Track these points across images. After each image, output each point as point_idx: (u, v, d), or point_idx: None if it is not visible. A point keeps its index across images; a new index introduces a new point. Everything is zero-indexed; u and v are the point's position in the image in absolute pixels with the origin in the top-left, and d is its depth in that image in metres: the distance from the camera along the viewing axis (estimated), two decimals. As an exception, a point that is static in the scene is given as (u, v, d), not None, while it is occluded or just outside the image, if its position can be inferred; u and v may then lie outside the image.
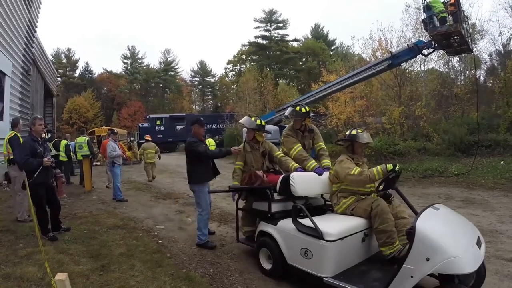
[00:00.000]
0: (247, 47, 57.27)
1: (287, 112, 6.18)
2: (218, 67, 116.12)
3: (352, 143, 4.85)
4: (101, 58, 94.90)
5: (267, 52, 55.22)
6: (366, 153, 17.95)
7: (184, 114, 42.04)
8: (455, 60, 23.77)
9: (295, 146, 5.66)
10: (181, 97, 61.98)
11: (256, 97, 33.76)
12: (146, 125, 36.74)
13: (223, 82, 62.62)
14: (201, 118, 6.63)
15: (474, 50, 19.65)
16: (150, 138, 15.88)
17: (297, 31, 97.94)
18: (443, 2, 14.19)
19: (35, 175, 5.70)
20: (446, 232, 3.38)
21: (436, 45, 14.98)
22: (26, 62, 15.00)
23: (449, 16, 13.98)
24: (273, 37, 55.55)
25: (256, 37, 55.52)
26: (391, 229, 4.16)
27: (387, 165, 4.29)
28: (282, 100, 34.04)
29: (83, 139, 12.99)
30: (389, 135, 20.15)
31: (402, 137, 19.62)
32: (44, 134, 6.82)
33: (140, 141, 31.83)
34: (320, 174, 5.19)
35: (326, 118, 25.18)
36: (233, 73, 59.75)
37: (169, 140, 36.40)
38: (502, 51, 23.04)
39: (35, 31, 16.21)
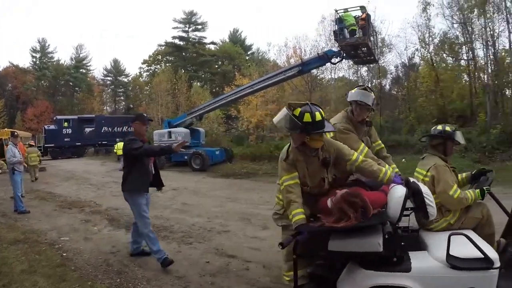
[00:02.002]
0: (163, 47, 55.81)
1: (351, 97, 4.23)
2: (133, 67, 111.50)
3: (445, 142, 3.98)
4: (8, 49, 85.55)
5: (183, 54, 54.36)
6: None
7: (93, 115, 38.95)
8: (363, 69, 25.94)
9: (361, 147, 4.06)
10: (91, 97, 57.63)
11: (169, 99, 33.29)
12: (52, 127, 33.90)
13: (136, 83, 59.54)
14: (145, 114, 6.12)
15: (382, 62, 22.62)
16: (33, 144, 16.67)
17: (215, 34, 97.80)
18: (354, 17, 15.31)
19: None
20: None
21: (344, 55, 16.10)
22: None
23: (359, 29, 15.04)
24: (190, 39, 54.74)
25: (174, 37, 54.39)
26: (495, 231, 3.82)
27: (473, 171, 4.12)
28: (195, 102, 33.10)
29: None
30: None
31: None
32: None
33: (45, 145, 30.09)
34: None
35: (238, 121, 25.68)
36: (148, 73, 57.66)
37: (77, 143, 33.61)
38: (407, 64, 25.75)
39: None
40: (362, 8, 15.66)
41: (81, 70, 58.80)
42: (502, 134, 17.65)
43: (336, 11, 15.77)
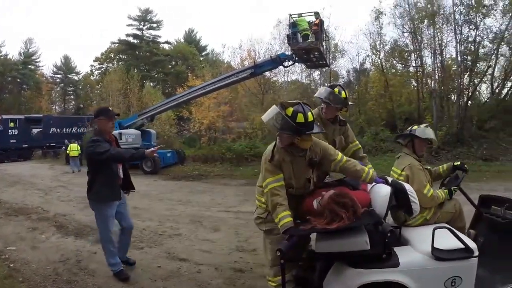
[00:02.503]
0: (116, 45, 53.98)
1: (319, 94, 4.27)
2: (84, 64, 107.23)
3: (412, 140, 4.17)
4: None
5: (137, 52, 52.82)
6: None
7: (41, 115, 36.06)
8: (316, 73, 26.62)
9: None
10: (40, 95, 54.84)
11: (121, 99, 32.43)
12: (-3, 127, 31.29)
13: (87, 81, 56.67)
14: (110, 108, 5.18)
15: (334, 66, 23.92)
16: None
17: (170, 34, 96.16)
18: (308, 22, 15.61)
19: None
20: None
21: (296, 58, 16.50)
22: None
23: (312, 34, 15.32)
24: (145, 37, 53.34)
25: (128, 35, 52.65)
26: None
27: (455, 162, 4.39)
28: (146, 103, 32.12)
29: None
30: (251, 139, 21.46)
31: (263, 141, 20.76)
32: None
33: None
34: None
35: (190, 123, 25.40)
36: (99, 72, 55.26)
37: (24, 146, 31.10)
38: (358, 69, 26.71)
39: None
40: (316, 14, 16.01)
41: (29, 66, 54.44)
42: (447, 135, 19.19)
43: (291, 15, 16.01)
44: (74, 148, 20.70)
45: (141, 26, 53.55)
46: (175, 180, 16.23)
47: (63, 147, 24.10)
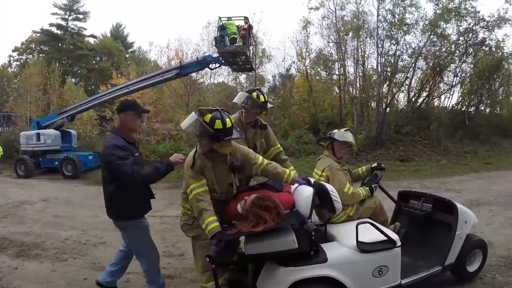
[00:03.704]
0: (38, 35, 49.90)
1: (237, 99, 4.30)
2: (3, 54, 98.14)
3: (332, 142, 4.48)
4: None
5: (60, 45, 49.08)
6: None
7: None
8: (242, 77, 26.84)
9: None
10: None
11: (39, 95, 30.20)
12: None
13: (4, 74, 50.55)
14: (138, 102, 4.43)
15: (261, 71, 25.02)
16: None
17: (96, 27, 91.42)
18: (237, 26, 15.84)
19: None
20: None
21: (223, 61, 16.61)
22: None
23: (240, 38, 15.58)
24: (69, 28, 49.44)
25: (51, 25, 48.54)
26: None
27: (372, 164, 4.82)
28: (68, 101, 29.86)
29: None
30: (176, 141, 21.32)
31: (188, 143, 20.64)
32: None
33: None
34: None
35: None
36: (18, 63, 49.75)
37: None
38: (284, 74, 27.51)
39: None
40: (246, 19, 16.33)
41: None
42: (366, 139, 20.69)
43: (220, 18, 16.12)
44: (-1, 150, 20.08)
45: (66, 16, 49.73)
46: (97, 184, 15.13)
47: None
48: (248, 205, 3.27)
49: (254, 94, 4.23)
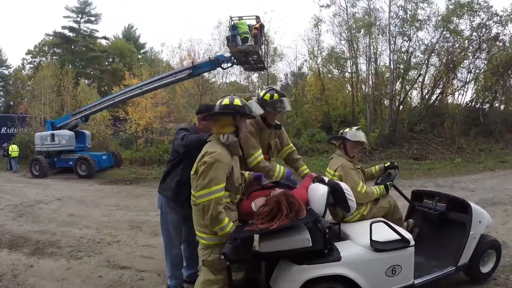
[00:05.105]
0: (51, 38, 50.48)
1: (256, 111, 3.77)
2: (16, 57, 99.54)
3: (344, 142, 4.49)
4: None
5: (72, 47, 49.94)
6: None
7: None
8: (254, 76, 26.83)
9: (256, 154, 4.03)
10: None
11: (54, 97, 30.43)
12: None
13: (18, 76, 51.01)
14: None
15: (272, 70, 24.81)
16: None
17: (108, 29, 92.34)
18: (249, 25, 15.76)
19: None
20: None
21: (235, 61, 16.55)
22: None
23: (252, 37, 15.57)
24: (81, 31, 50.40)
25: (64, 27, 49.37)
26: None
27: (385, 163, 4.83)
28: (81, 102, 30.09)
29: None
30: None
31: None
32: None
33: None
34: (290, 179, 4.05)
35: (126, 123, 24.67)
36: (32, 66, 50.66)
37: None
38: (296, 73, 27.65)
39: None
40: (257, 18, 16.20)
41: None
42: (380, 137, 20.50)
43: (231, 18, 16.03)
44: (15, 149, 20.94)
45: (78, 19, 50.67)
46: (111, 184, 15.63)
47: (3, 152, 22.38)
48: (277, 194, 3.24)
49: (276, 95, 4.19)
